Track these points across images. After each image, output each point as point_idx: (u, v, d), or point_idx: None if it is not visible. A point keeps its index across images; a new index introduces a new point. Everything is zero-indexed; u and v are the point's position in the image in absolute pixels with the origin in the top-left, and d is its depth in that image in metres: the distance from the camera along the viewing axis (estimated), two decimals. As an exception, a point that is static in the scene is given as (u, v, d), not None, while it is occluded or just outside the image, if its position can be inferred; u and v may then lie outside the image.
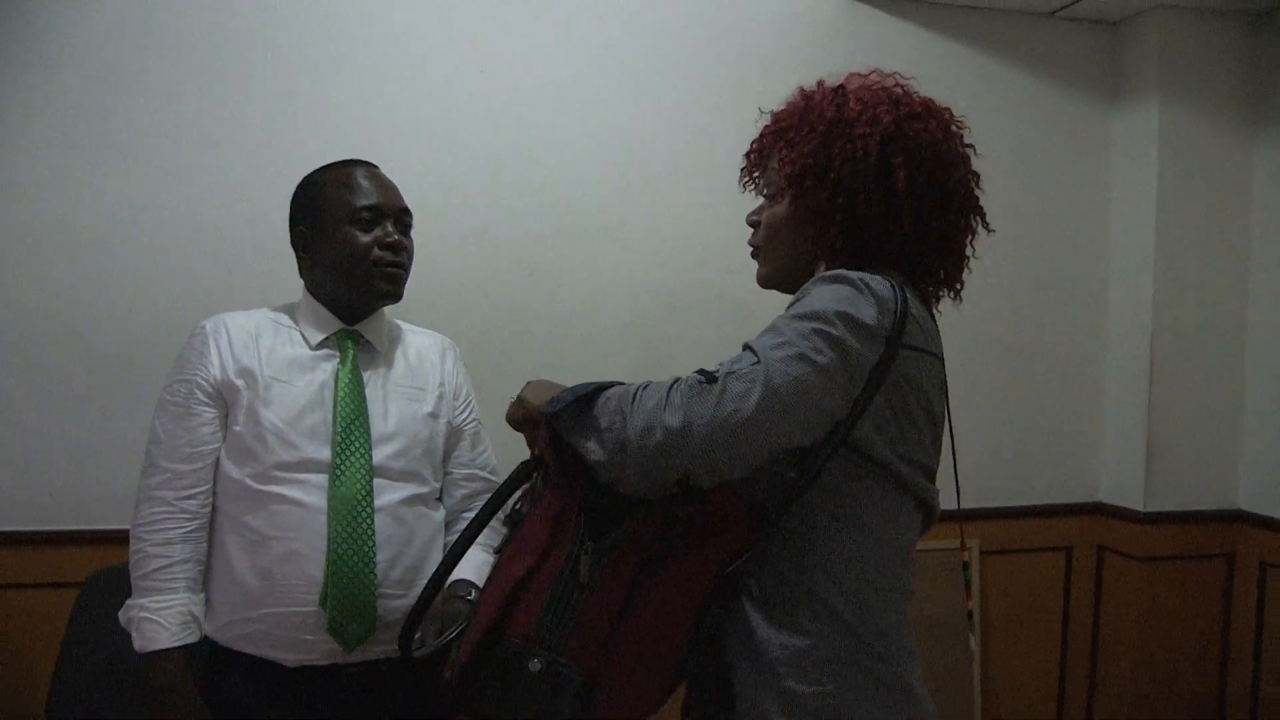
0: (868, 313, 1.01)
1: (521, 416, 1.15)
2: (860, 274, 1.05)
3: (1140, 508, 2.53)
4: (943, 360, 1.14)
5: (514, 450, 1.80)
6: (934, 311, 1.20)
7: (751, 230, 1.24)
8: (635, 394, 1.01)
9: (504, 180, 2.20)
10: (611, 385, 1.06)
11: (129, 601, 1.40)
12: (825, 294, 1.04)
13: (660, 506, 1.02)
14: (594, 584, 1.01)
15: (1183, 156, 2.55)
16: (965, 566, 1.50)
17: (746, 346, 1.03)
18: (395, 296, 1.53)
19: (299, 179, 1.58)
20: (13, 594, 1.96)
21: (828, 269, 1.13)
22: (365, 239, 1.47)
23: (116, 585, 1.75)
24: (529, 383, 1.17)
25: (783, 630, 1.05)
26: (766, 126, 1.23)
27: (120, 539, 1.89)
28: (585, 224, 2.26)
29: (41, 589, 1.96)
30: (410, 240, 1.55)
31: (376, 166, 1.57)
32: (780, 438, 0.99)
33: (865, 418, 1.03)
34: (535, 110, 2.22)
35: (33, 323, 1.95)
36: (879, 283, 1.04)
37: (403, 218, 1.54)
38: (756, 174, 1.27)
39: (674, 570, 1.03)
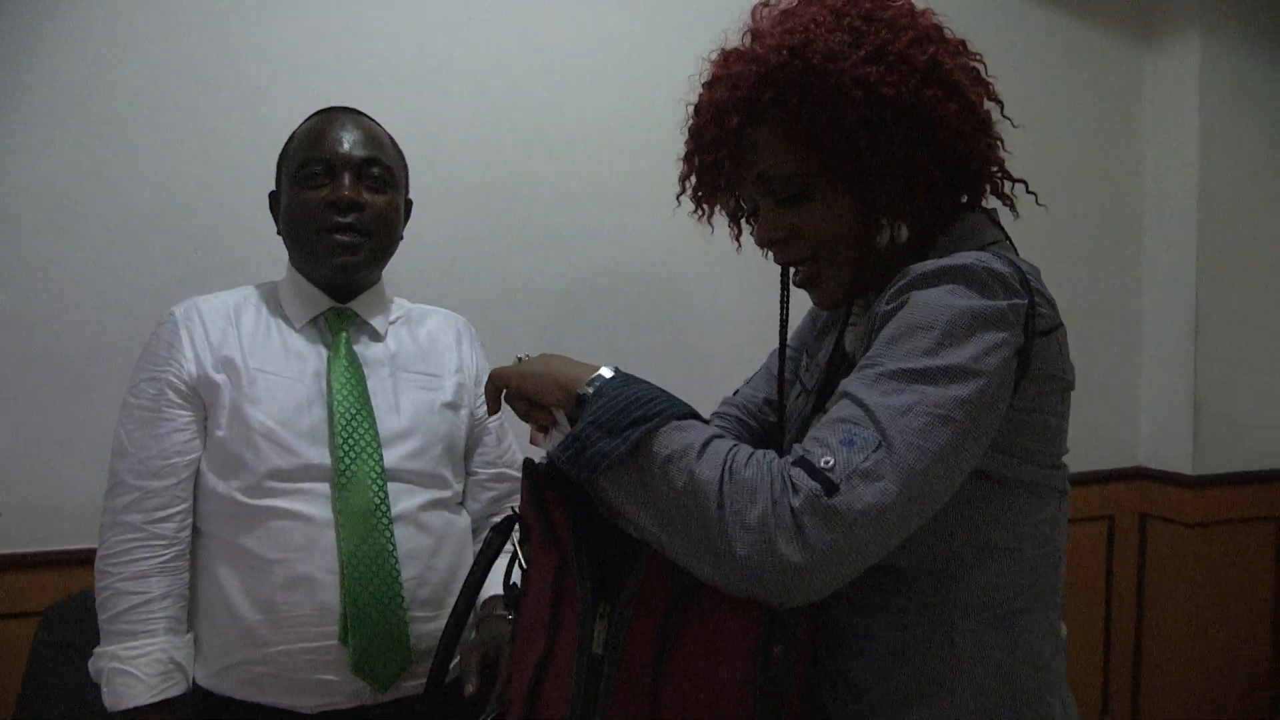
0: (994, 317, 0.78)
1: (525, 398, 0.92)
2: (973, 256, 0.82)
3: (1189, 471, 2.38)
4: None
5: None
6: None
7: (778, 249, 0.95)
8: (721, 483, 0.74)
9: (503, 135, 1.94)
10: (643, 407, 0.80)
11: (97, 649, 1.16)
12: (942, 301, 0.79)
13: None
14: (616, 653, 0.82)
15: (1225, 96, 2.39)
16: None
17: (855, 400, 0.77)
18: (351, 269, 1.27)
19: (275, 139, 1.35)
20: (-37, 627, 1.70)
21: (912, 234, 0.91)
22: (314, 196, 1.24)
23: (80, 616, 1.53)
24: (541, 355, 0.94)
25: (914, 682, 0.86)
26: (711, 129, 0.93)
27: (83, 560, 1.67)
28: (595, 183, 2.01)
29: (-2, 620, 1.71)
30: (385, 197, 1.28)
31: (359, 114, 1.33)
32: (919, 522, 0.77)
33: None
34: (538, 57, 1.97)
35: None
36: (994, 261, 0.82)
37: (365, 168, 1.27)
38: (728, 187, 0.97)
39: (706, 609, 0.81)
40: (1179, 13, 2.43)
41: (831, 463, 0.72)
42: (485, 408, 1.41)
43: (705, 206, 1.01)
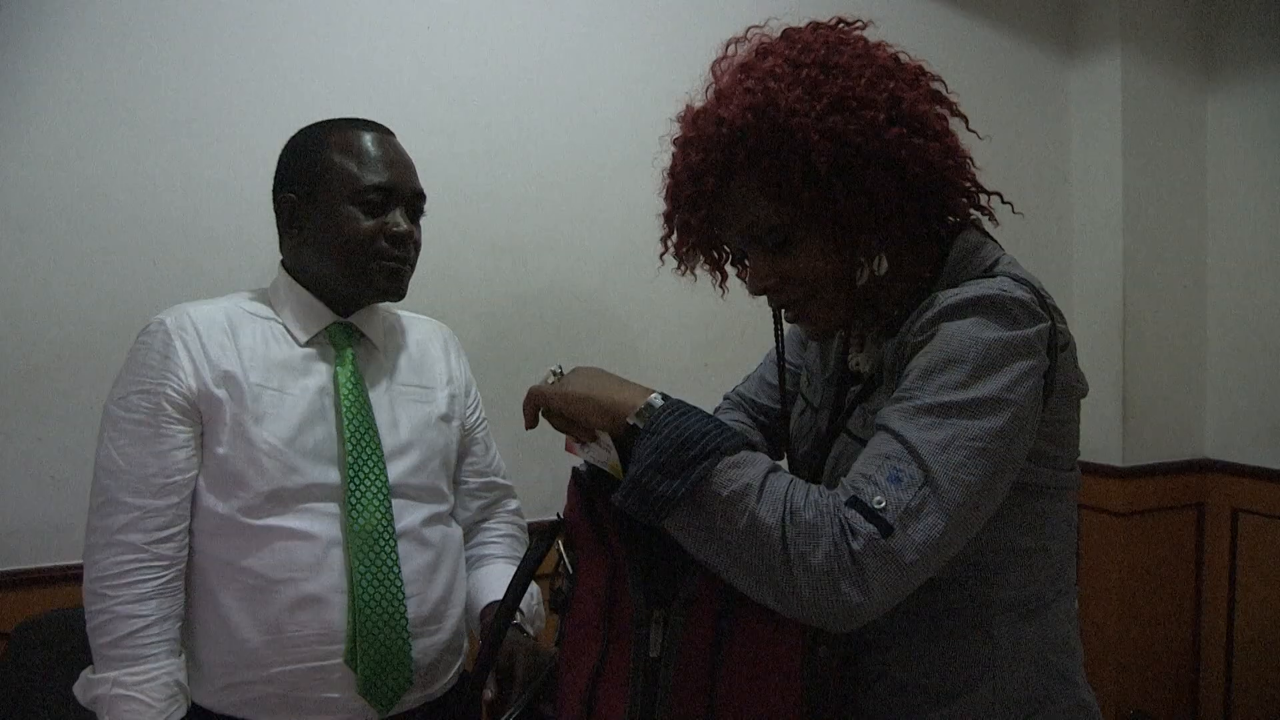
0: (1023, 347, 0.83)
1: (568, 417, 0.92)
2: (996, 285, 0.86)
3: (1119, 463, 2.52)
4: None
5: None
6: None
7: (771, 296, 0.98)
8: (783, 527, 0.77)
9: (460, 151, 1.94)
10: (698, 444, 0.81)
11: (91, 675, 1.12)
12: (971, 333, 0.83)
13: None
14: (672, 656, 0.84)
15: (1144, 109, 2.53)
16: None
17: (895, 435, 0.81)
18: (397, 295, 1.28)
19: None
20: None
21: (894, 262, 0.95)
22: (368, 224, 1.22)
23: (50, 637, 1.48)
24: (577, 369, 0.95)
25: (956, 676, 0.91)
26: (688, 190, 0.95)
27: (49, 580, 1.61)
28: (553, 196, 2.03)
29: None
30: (420, 230, 1.31)
31: (392, 134, 1.31)
32: (963, 545, 0.82)
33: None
34: (497, 70, 1.97)
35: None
36: (1015, 288, 0.86)
37: (415, 202, 1.29)
38: (711, 242, 1.00)
39: (756, 611, 0.84)
40: (1102, 27, 2.55)
41: (883, 503, 0.77)
42: (474, 418, 1.42)
43: (688, 262, 1.04)
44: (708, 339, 2.16)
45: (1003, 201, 1.04)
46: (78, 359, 1.65)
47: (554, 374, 0.95)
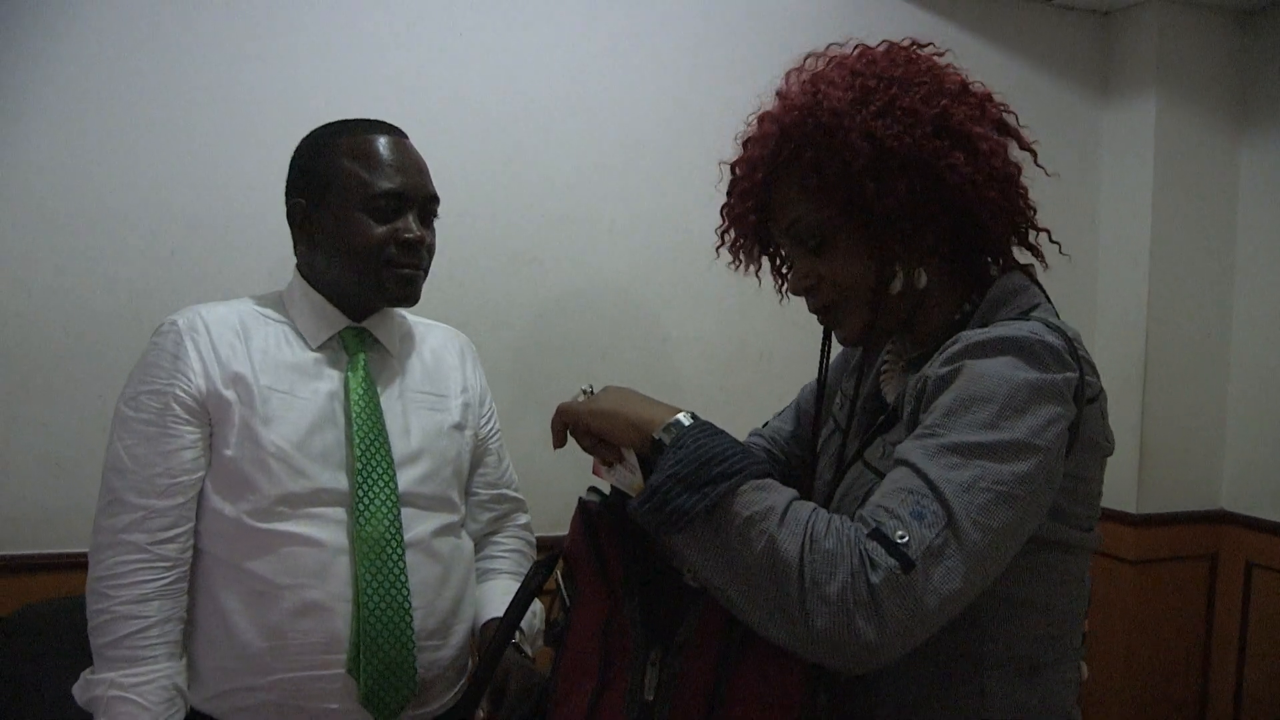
0: (1051, 392, 0.81)
1: (595, 433, 0.90)
2: (1026, 328, 0.84)
3: (1133, 510, 2.49)
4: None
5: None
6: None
7: (807, 296, 0.99)
8: (802, 553, 0.75)
9: (482, 160, 1.94)
10: (723, 464, 0.79)
11: (90, 676, 1.11)
12: (1000, 373, 0.81)
13: None
14: (667, 701, 0.82)
15: (1177, 153, 2.50)
16: None
17: (917, 471, 0.78)
18: (410, 300, 1.27)
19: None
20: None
21: (935, 282, 0.95)
22: (379, 231, 1.20)
23: (52, 624, 1.47)
24: (608, 388, 0.93)
25: None
26: (742, 184, 0.98)
27: (48, 565, 1.60)
28: (571, 209, 2.03)
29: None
30: (433, 233, 1.29)
31: (404, 136, 1.29)
32: (980, 592, 0.79)
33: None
34: (516, 82, 1.96)
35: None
36: (1046, 334, 0.84)
37: (429, 206, 1.27)
38: (755, 241, 1.03)
39: (756, 659, 0.82)
40: (1138, 70, 2.53)
41: (906, 538, 0.74)
42: (488, 428, 1.40)
43: (741, 256, 1.05)
44: (717, 357, 2.15)
45: (1050, 240, 1.03)
46: (87, 347, 1.66)
47: (584, 392, 0.95)
